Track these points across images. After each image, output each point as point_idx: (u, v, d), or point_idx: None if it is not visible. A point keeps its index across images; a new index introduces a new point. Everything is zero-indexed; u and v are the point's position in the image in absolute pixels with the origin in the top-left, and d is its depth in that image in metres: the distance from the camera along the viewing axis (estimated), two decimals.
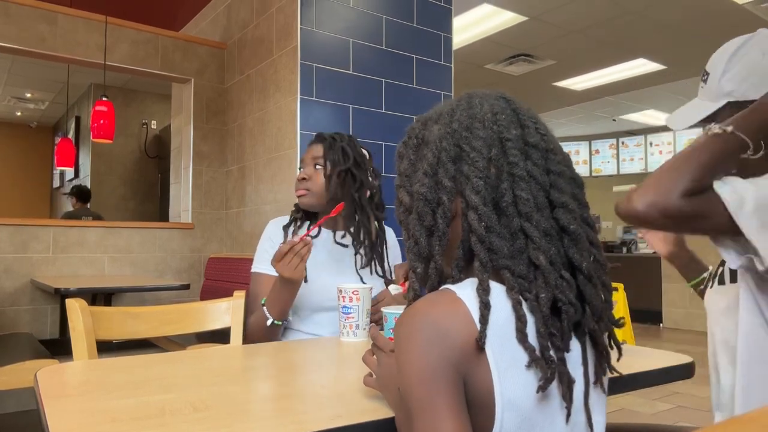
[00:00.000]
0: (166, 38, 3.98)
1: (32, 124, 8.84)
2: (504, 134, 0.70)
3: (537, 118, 0.74)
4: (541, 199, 0.68)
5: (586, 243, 0.68)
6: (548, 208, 0.68)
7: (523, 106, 0.74)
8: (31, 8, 3.49)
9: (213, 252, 4.02)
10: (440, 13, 3.67)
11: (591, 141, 10.12)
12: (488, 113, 0.72)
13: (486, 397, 0.62)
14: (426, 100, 3.56)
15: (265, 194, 3.49)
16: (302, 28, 3.14)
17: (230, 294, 1.49)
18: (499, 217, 0.67)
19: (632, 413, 3.07)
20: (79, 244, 3.64)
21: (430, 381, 0.61)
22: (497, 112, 0.72)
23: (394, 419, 0.73)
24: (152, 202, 6.76)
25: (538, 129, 0.72)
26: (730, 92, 0.97)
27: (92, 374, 1.04)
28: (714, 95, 0.99)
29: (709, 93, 1.00)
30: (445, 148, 0.71)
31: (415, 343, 0.62)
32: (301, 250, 1.34)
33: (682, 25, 5.34)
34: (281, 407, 0.82)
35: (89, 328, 1.23)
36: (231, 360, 1.17)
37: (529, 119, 0.72)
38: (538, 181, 0.68)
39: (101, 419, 0.73)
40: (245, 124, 3.76)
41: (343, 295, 1.31)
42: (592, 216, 0.73)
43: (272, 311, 1.40)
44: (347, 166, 1.55)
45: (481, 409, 0.62)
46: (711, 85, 1.00)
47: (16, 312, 3.44)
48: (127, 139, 6.66)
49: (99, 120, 3.62)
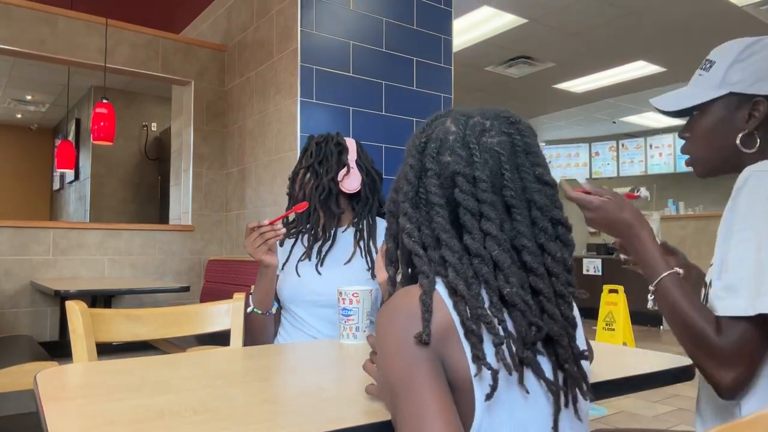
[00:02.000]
0: (167, 41, 3.99)
1: (32, 126, 8.84)
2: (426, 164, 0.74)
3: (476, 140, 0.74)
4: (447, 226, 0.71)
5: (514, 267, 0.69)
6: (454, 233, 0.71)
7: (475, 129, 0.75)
8: (32, 11, 3.50)
9: (213, 254, 4.01)
10: (440, 16, 3.68)
11: (591, 143, 10.12)
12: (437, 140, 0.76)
13: (464, 379, 0.64)
14: (426, 103, 3.57)
15: (265, 196, 3.49)
16: (302, 30, 3.14)
17: (230, 296, 1.48)
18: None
19: (632, 416, 3.07)
20: (79, 247, 3.64)
21: (410, 363, 0.63)
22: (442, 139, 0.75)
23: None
24: (152, 204, 6.76)
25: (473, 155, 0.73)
26: (736, 82, 0.97)
27: (92, 376, 1.04)
28: (717, 83, 0.98)
29: (710, 81, 1.00)
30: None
31: (392, 330, 0.67)
32: (267, 233, 1.40)
33: (682, 28, 5.34)
34: (281, 410, 0.82)
35: (89, 330, 1.23)
36: (231, 362, 1.17)
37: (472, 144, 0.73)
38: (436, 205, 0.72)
39: (101, 422, 0.72)
40: (245, 126, 3.77)
41: (343, 297, 1.30)
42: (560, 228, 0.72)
43: (254, 299, 1.49)
44: (310, 164, 1.58)
45: (462, 393, 0.64)
46: (716, 72, 0.99)
47: (16, 314, 3.44)
48: (127, 142, 6.66)
49: (99, 122, 3.63)
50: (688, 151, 1.06)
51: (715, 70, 1.00)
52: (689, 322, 0.86)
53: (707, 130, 1.01)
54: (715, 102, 0.99)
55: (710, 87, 0.99)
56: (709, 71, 1.00)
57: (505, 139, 0.73)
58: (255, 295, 1.49)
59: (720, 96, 0.98)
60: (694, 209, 6.88)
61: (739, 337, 0.81)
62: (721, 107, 0.99)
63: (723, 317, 0.83)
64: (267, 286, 1.48)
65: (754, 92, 0.96)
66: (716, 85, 0.98)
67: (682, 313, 0.88)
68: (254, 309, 1.49)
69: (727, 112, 0.99)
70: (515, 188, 0.71)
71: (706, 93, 0.99)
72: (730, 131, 0.99)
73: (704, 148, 1.02)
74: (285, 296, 1.56)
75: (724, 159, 1.01)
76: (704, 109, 1.00)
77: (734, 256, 0.84)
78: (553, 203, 0.72)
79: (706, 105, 1.00)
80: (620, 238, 1.01)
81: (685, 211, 6.61)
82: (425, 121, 0.80)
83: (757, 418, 0.52)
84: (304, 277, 1.54)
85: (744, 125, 0.98)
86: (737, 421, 0.53)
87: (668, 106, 1.04)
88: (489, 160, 0.71)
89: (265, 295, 1.49)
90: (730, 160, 1.01)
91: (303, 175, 1.58)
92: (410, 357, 0.64)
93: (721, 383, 0.83)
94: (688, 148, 1.06)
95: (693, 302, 0.88)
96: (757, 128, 0.97)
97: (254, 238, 1.41)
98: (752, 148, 0.97)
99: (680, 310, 0.88)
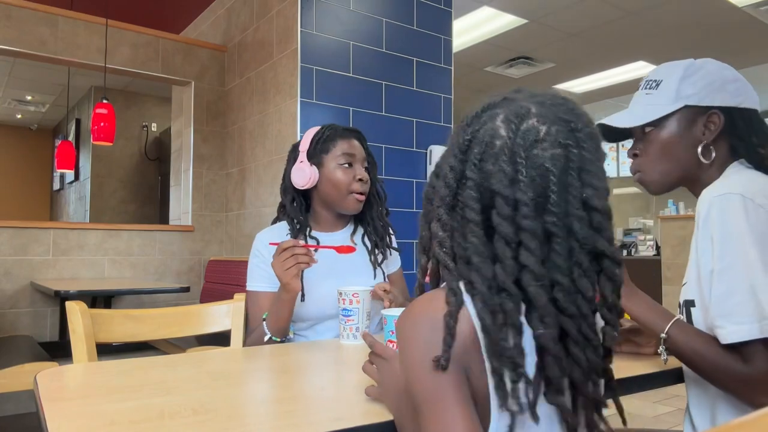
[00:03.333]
0: (167, 41, 3.99)
1: (33, 126, 8.84)
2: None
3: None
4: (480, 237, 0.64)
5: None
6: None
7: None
8: (32, 11, 3.50)
9: (213, 254, 4.01)
10: (440, 16, 3.68)
11: None
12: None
13: (483, 393, 0.62)
14: (426, 103, 3.57)
15: (265, 197, 3.49)
16: (302, 30, 3.14)
17: (230, 296, 1.48)
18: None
19: (633, 416, 3.06)
20: (79, 247, 3.64)
21: (434, 371, 0.61)
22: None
23: (393, 422, 0.73)
24: (152, 204, 6.76)
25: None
26: (691, 95, 1.00)
27: (92, 377, 1.04)
28: (671, 98, 1.00)
29: (662, 97, 1.01)
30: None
31: (417, 337, 0.63)
32: (301, 257, 1.28)
33: (682, 28, 5.34)
34: (281, 410, 0.82)
35: (89, 330, 1.23)
36: (231, 363, 1.17)
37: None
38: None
39: (101, 422, 0.72)
40: (245, 127, 3.77)
41: (343, 297, 1.30)
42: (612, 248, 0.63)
43: (270, 326, 1.36)
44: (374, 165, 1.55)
45: (480, 406, 0.63)
46: (666, 88, 1.01)
47: (16, 315, 3.43)
48: (127, 142, 6.66)
49: (99, 122, 3.62)
50: (640, 168, 1.07)
51: (664, 87, 1.02)
52: (712, 361, 0.88)
53: (665, 144, 1.02)
54: (670, 117, 1.01)
55: (664, 102, 1.01)
56: (657, 89, 1.02)
57: (559, 152, 0.62)
58: (273, 323, 1.36)
59: (675, 110, 1.00)
60: (694, 209, 6.88)
61: (765, 360, 0.83)
62: (677, 121, 1.01)
63: (742, 347, 0.84)
64: (286, 314, 1.35)
65: (708, 104, 0.99)
66: (671, 99, 1.00)
67: (701, 355, 0.89)
68: (273, 337, 1.36)
69: (684, 125, 1.01)
70: (559, 213, 0.61)
71: (663, 108, 1.01)
72: (688, 143, 1.01)
73: (662, 162, 1.04)
74: (310, 314, 1.46)
75: (682, 172, 1.03)
76: (659, 124, 1.02)
77: (722, 285, 0.86)
78: (599, 232, 0.62)
79: (661, 120, 1.02)
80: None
81: (685, 212, 6.61)
82: (475, 111, 0.69)
83: (757, 417, 0.52)
84: (324, 291, 1.45)
85: (701, 137, 1.00)
86: (737, 420, 0.53)
87: (629, 122, 1.04)
88: (537, 178, 0.61)
89: (284, 323, 1.36)
90: (687, 174, 1.03)
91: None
92: (434, 368, 0.61)
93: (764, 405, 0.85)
94: (639, 166, 1.07)
95: (706, 343, 0.89)
96: (713, 141, 1.00)
97: (286, 258, 1.27)
98: (709, 159, 1.00)
99: (699, 353, 0.89)
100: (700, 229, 0.91)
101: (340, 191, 1.48)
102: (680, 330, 0.92)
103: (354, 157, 1.50)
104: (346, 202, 1.49)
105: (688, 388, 1.02)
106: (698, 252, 0.93)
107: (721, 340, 0.85)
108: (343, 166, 1.48)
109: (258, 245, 1.50)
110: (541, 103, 0.66)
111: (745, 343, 0.83)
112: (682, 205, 6.95)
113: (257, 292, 1.47)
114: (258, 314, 1.44)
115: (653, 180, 1.06)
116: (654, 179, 1.06)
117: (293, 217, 1.50)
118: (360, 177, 1.48)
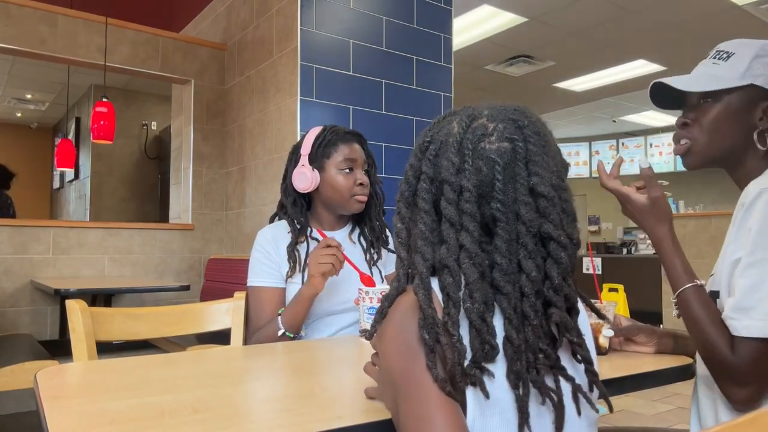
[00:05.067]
0: (167, 39, 3.99)
1: (32, 125, 8.84)
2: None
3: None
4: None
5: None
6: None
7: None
8: (32, 9, 3.49)
9: (213, 253, 4.01)
10: (440, 14, 3.67)
11: (591, 142, 10.12)
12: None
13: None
14: (426, 101, 3.57)
15: (265, 195, 3.49)
16: (302, 29, 3.14)
17: (230, 295, 1.48)
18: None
19: (633, 414, 3.07)
20: (79, 245, 3.64)
21: (409, 354, 0.64)
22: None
23: (392, 421, 0.73)
24: (152, 203, 6.76)
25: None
26: (759, 76, 0.95)
27: (92, 375, 1.04)
28: (740, 73, 0.96)
29: (731, 70, 0.97)
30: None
31: (391, 325, 0.68)
32: (338, 261, 1.33)
33: (682, 27, 5.34)
34: (281, 408, 0.82)
35: (89, 329, 1.23)
36: (231, 361, 1.17)
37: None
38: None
39: (101, 420, 0.72)
40: (245, 125, 3.76)
41: (371, 296, 1.31)
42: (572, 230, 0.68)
43: (285, 321, 1.38)
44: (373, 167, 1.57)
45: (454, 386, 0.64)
46: (736, 64, 0.96)
47: (16, 313, 3.44)
48: (127, 140, 6.66)
49: (99, 121, 3.62)
50: (687, 137, 1.02)
51: (735, 60, 0.97)
52: (705, 338, 0.87)
53: (719, 118, 0.98)
54: (732, 92, 0.96)
55: (731, 76, 0.96)
56: (728, 61, 0.97)
57: (506, 145, 0.67)
58: (289, 319, 1.38)
59: (741, 86, 0.95)
60: (694, 208, 6.87)
61: (753, 356, 0.82)
62: (738, 98, 0.96)
63: (737, 336, 0.83)
64: (304, 311, 1.39)
65: None
66: (739, 75, 0.95)
67: (699, 327, 0.89)
68: (286, 332, 1.38)
69: (744, 105, 0.96)
70: (505, 200, 0.66)
71: (728, 81, 0.96)
72: (743, 125, 0.96)
73: (711, 136, 0.99)
74: (322, 310, 1.48)
75: (730, 151, 0.99)
76: (718, 97, 0.97)
77: (749, 278, 0.84)
78: (545, 216, 0.66)
79: (722, 94, 0.97)
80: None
81: (686, 210, 6.61)
82: (436, 119, 0.76)
83: (757, 417, 0.52)
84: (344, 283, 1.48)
85: (757, 122, 0.96)
86: (737, 420, 0.53)
87: (688, 86, 0.99)
88: (483, 168, 0.67)
89: (301, 319, 1.40)
90: (734, 155, 0.99)
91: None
92: (409, 347, 0.65)
93: (734, 399, 0.85)
94: (688, 134, 1.02)
95: (712, 318, 0.88)
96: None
97: (327, 254, 1.32)
98: (765, 146, 0.96)
99: (699, 325, 0.89)
100: (739, 219, 0.89)
101: (341, 195, 1.51)
102: (693, 296, 0.91)
103: (355, 162, 1.51)
104: (347, 204, 1.52)
105: (698, 386, 1.01)
106: (731, 239, 0.90)
107: (732, 331, 0.84)
108: (344, 171, 1.50)
109: (261, 241, 1.51)
110: (494, 107, 0.72)
111: (744, 336, 0.83)
112: (682, 204, 6.94)
113: (259, 287, 1.47)
114: (260, 309, 1.45)
115: (698, 151, 1.01)
116: (699, 150, 1.01)
117: (294, 219, 1.51)
118: (360, 182, 1.51)
